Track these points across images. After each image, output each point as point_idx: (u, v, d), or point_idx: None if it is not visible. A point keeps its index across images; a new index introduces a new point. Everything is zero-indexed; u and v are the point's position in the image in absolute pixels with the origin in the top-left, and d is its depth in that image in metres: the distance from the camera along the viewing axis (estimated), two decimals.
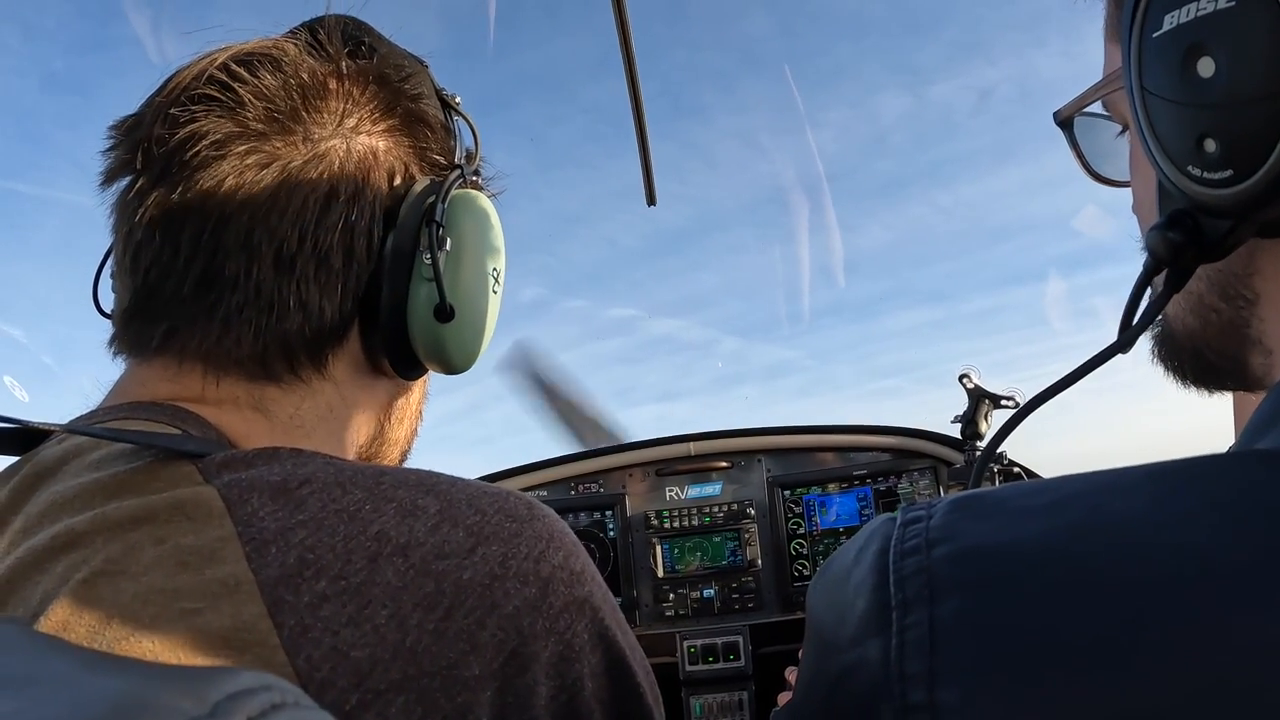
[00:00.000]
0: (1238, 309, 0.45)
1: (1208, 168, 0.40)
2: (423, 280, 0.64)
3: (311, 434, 0.62)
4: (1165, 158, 0.42)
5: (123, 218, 0.60)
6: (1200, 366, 0.51)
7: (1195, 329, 0.49)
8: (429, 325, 0.65)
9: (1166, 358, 0.53)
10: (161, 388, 0.58)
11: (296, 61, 0.61)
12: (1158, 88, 0.42)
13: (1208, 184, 0.40)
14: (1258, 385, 0.47)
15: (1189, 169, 0.41)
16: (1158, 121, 0.42)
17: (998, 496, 0.36)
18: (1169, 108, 0.41)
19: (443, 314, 0.64)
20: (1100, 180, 0.60)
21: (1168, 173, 0.42)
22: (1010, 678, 0.30)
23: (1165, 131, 0.42)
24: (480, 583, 0.47)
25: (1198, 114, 0.39)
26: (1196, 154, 0.40)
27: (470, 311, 0.67)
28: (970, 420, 2.09)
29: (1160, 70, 0.41)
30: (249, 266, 0.57)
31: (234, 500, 0.46)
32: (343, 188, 0.60)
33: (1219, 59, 0.38)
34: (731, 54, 3.80)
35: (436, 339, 0.65)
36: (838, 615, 0.38)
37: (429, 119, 0.69)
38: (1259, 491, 0.31)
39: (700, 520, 2.38)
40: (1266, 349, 0.44)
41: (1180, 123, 0.41)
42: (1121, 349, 0.48)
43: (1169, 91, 0.41)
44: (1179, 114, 0.41)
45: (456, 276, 0.66)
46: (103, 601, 0.42)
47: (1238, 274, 0.44)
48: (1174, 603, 0.29)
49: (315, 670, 0.41)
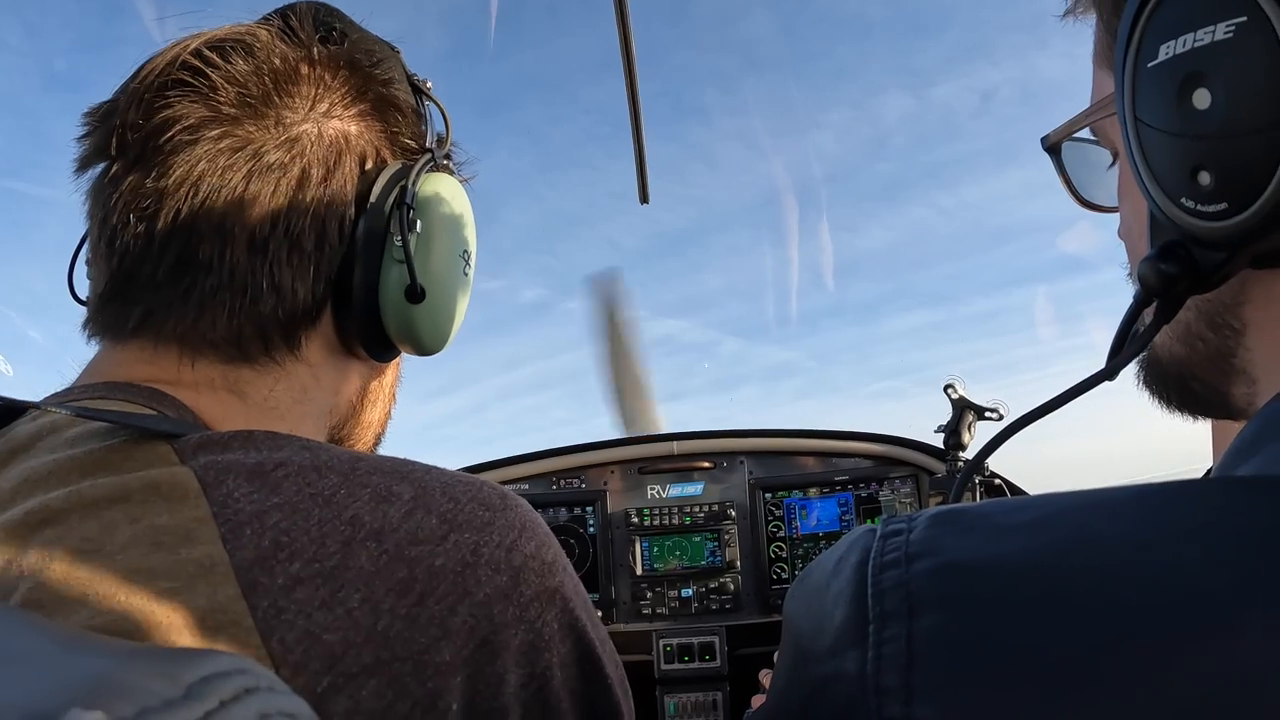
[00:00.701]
0: (1224, 338, 0.45)
1: (1202, 200, 0.39)
2: (394, 262, 0.65)
3: (285, 415, 0.63)
4: (1158, 189, 0.42)
5: (97, 203, 0.61)
6: (1185, 394, 0.51)
7: (1181, 357, 0.49)
8: (400, 306, 0.66)
9: (1151, 384, 0.53)
10: (138, 369, 0.58)
11: (269, 47, 0.62)
12: (1151, 118, 0.41)
13: (1202, 216, 0.39)
14: (1240, 415, 0.47)
15: (1182, 201, 0.40)
16: (1151, 152, 0.42)
17: (979, 512, 0.36)
18: (1163, 139, 0.41)
19: (413, 295, 0.66)
20: (1088, 206, 0.60)
21: (1160, 204, 0.42)
22: (987, 694, 0.30)
23: (1159, 162, 0.41)
24: (452, 569, 0.47)
25: (1192, 145, 0.39)
26: (1191, 186, 0.40)
27: (441, 293, 0.69)
28: (954, 430, 2.10)
29: (1155, 100, 0.41)
30: (223, 250, 0.58)
31: (210, 482, 0.46)
32: (314, 171, 0.61)
33: (1215, 90, 0.37)
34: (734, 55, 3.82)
35: (408, 320, 0.67)
36: (815, 625, 0.38)
37: (400, 104, 0.70)
38: (1241, 517, 0.31)
39: (680, 520, 2.38)
40: (1251, 378, 0.44)
41: (1174, 154, 0.40)
42: (1108, 377, 0.48)
43: (1163, 122, 0.40)
44: (1173, 145, 0.40)
45: (427, 258, 0.67)
46: (77, 579, 0.41)
47: (1227, 304, 0.44)
48: (1154, 624, 0.29)
49: (288, 652, 0.41)
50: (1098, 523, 0.33)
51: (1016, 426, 0.53)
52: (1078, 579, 0.31)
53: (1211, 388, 0.48)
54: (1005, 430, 0.54)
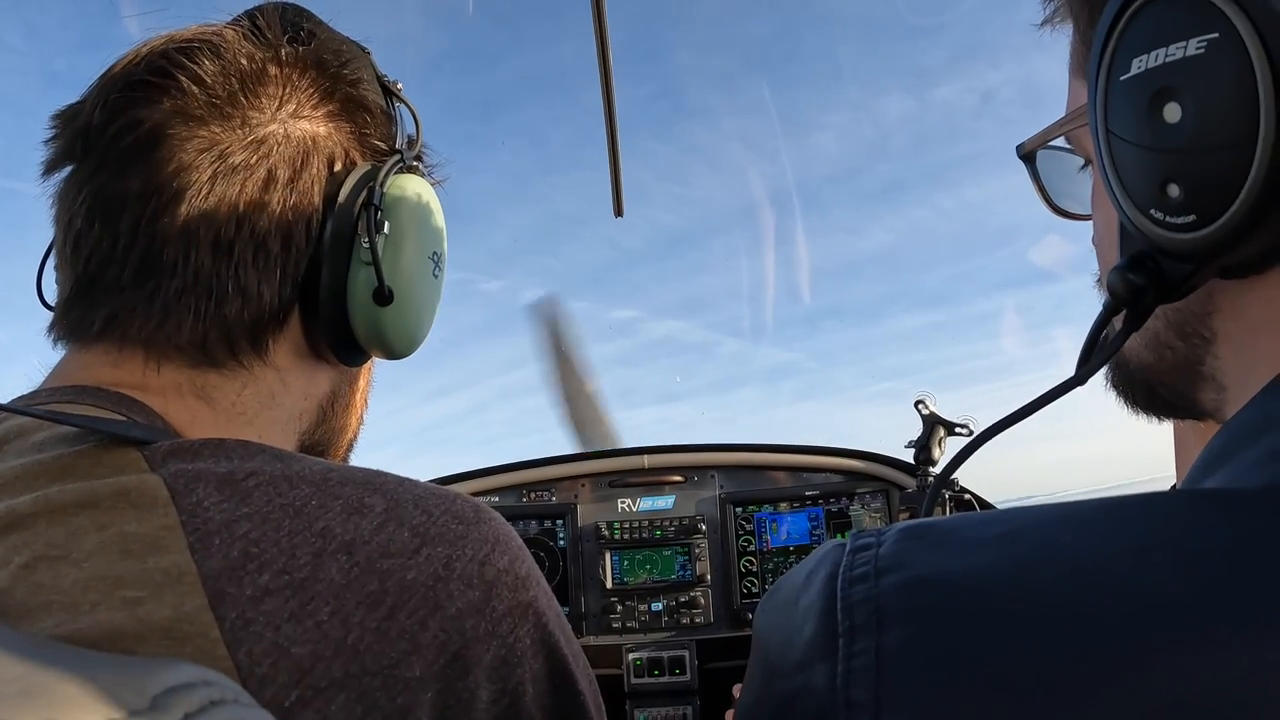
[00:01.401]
0: (1193, 347, 0.46)
1: (1170, 212, 0.40)
2: (361, 264, 0.64)
3: (254, 421, 0.62)
4: (1128, 200, 0.42)
5: (63, 207, 0.60)
6: (1151, 398, 0.52)
7: (1149, 363, 0.49)
8: (368, 309, 0.65)
9: (1119, 386, 0.54)
10: (103, 373, 0.57)
11: (235, 48, 0.61)
12: (1123, 131, 0.42)
13: (1170, 228, 0.40)
14: (1207, 416, 0.48)
15: (1151, 212, 0.41)
16: (1121, 164, 0.42)
17: (948, 526, 0.36)
18: (1133, 151, 0.41)
19: (381, 297, 0.65)
20: (1060, 214, 0.61)
21: (1130, 215, 0.43)
22: (955, 707, 0.30)
23: (1129, 174, 0.42)
24: (424, 583, 0.47)
25: (1162, 159, 0.39)
26: (1160, 198, 0.40)
27: (409, 295, 0.68)
28: (924, 446, 2.11)
29: (1126, 113, 0.41)
30: (187, 252, 0.57)
31: (179, 490, 0.45)
32: (281, 173, 0.61)
33: (1186, 105, 0.38)
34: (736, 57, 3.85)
35: (376, 323, 0.66)
36: (785, 639, 0.38)
37: (369, 104, 0.69)
38: (1206, 531, 0.32)
39: (651, 533, 2.38)
40: (1220, 385, 0.45)
41: (1144, 166, 0.41)
42: (1078, 383, 0.48)
43: (1134, 135, 0.41)
44: (1143, 158, 0.41)
45: (395, 260, 0.67)
46: (43, 586, 0.41)
47: (1195, 313, 0.45)
48: (1118, 636, 0.29)
49: (255, 665, 0.41)
50: (1064, 536, 0.34)
51: (985, 437, 0.52)
52: (1044, 592, 0.31)
53: (1179, 393, 0.49)
54: (974, 440, 0.54)
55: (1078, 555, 0.32)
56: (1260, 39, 0.34)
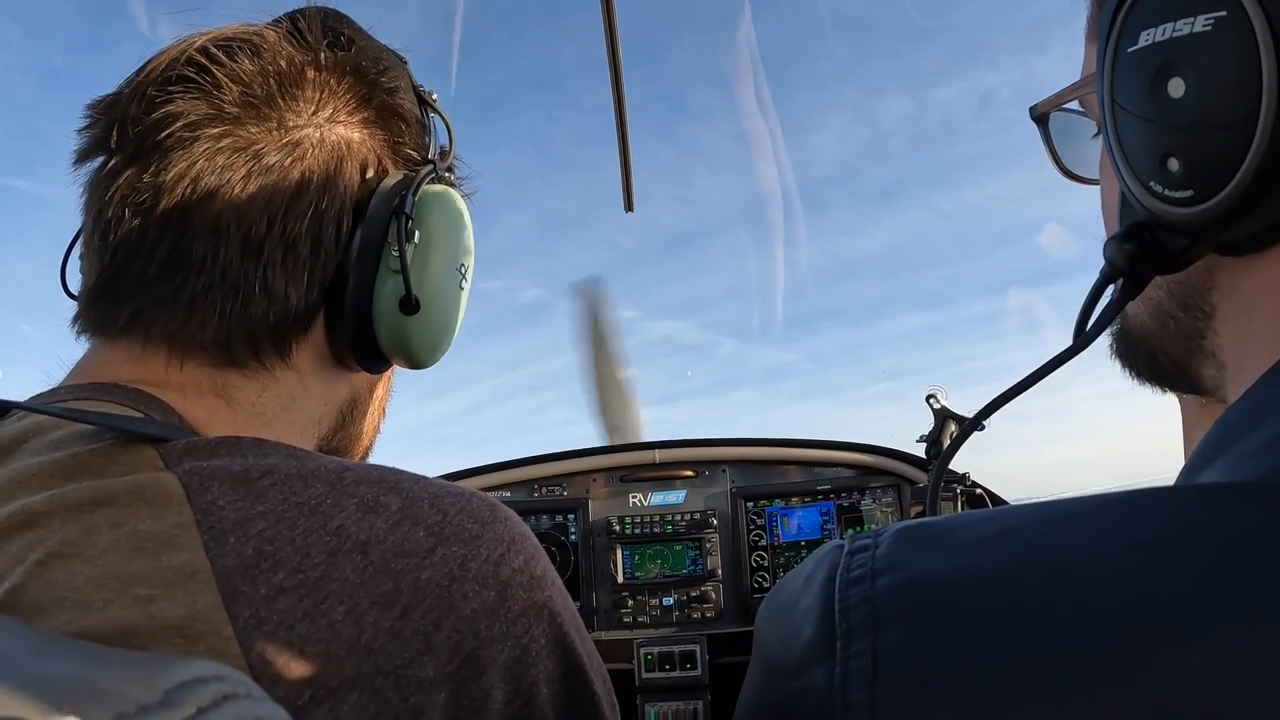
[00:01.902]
0: (1194, 320, 0.46)
1: (1170, 185, 0.40)
2: (389, 273, 0.64)
3: (273, 423, 0.62)
4: (1129, 171, 0.43)
5: (94, 196, 0.60)
6: (1153, 367, 0.52)
7: (1152, 331, 0.49)
8: (394, 318, 0.65)
9: (1123, 355, 0.54)
10: (124, 370, 0.57)
11: (275, 49, 0.61)
12: (1128, 102, 0.42)
13: (1168, 201, 0.41)
14: (1206, 394, 0.48)
15: (1151, 184, 0.42)
16: (1125, 135, 0.43)
17: (943, 526, 0.37)
18: (1137, 123, 0.42)
19: (408, 307, 0.65)
20: (1071, 177, 0.61)
21: (1131, 185, 0.43)
22: (951, 707, 0.30)
23: (1131, 145, 0.43)
24: (439, 583, 0.47)
25: (1164, 132, 0.40)
26: (1160, 171, 0.41)
27: (436, 306, 0.68)
28: (935, 440, 2.11)
29: (1131, 85, 0.42)
30: (216, 249, 0.57)
31: (194, 488, 0.45)
32: (314, 176, 0.61)
33: (1189, 81, 0.38)
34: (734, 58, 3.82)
35: (401, 332, 0.66)
36: (784, 641, 0.38)
37: (404, 113, 0.69)
38: (1197, 525, 0.32)
39: (662, 528, 2.38)
40: (1219, 363, 0.45)
41: (1146, 139, 0.41)
42: (1079, 349, 0.48)
43: (1138, 107, 0.41)
44: (1146, 130, 0.41)
45: (423, 270, 0.66)
46: (57, 584, 0.41)
47: (1196, 286, 0.45)
48: (1111, 634, 0.29)
49: (268, 664, 0.41)
50: (1057, 534, 0.34)
51: (984, 414, 0.53)
52: (1037, 591, 0.31)
53: (1179, 365, 0.49)
54: (974, 418, 0.54)
55: (1071, 553, 0.32)
56: (1267, 19, 0.35)
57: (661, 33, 4.16)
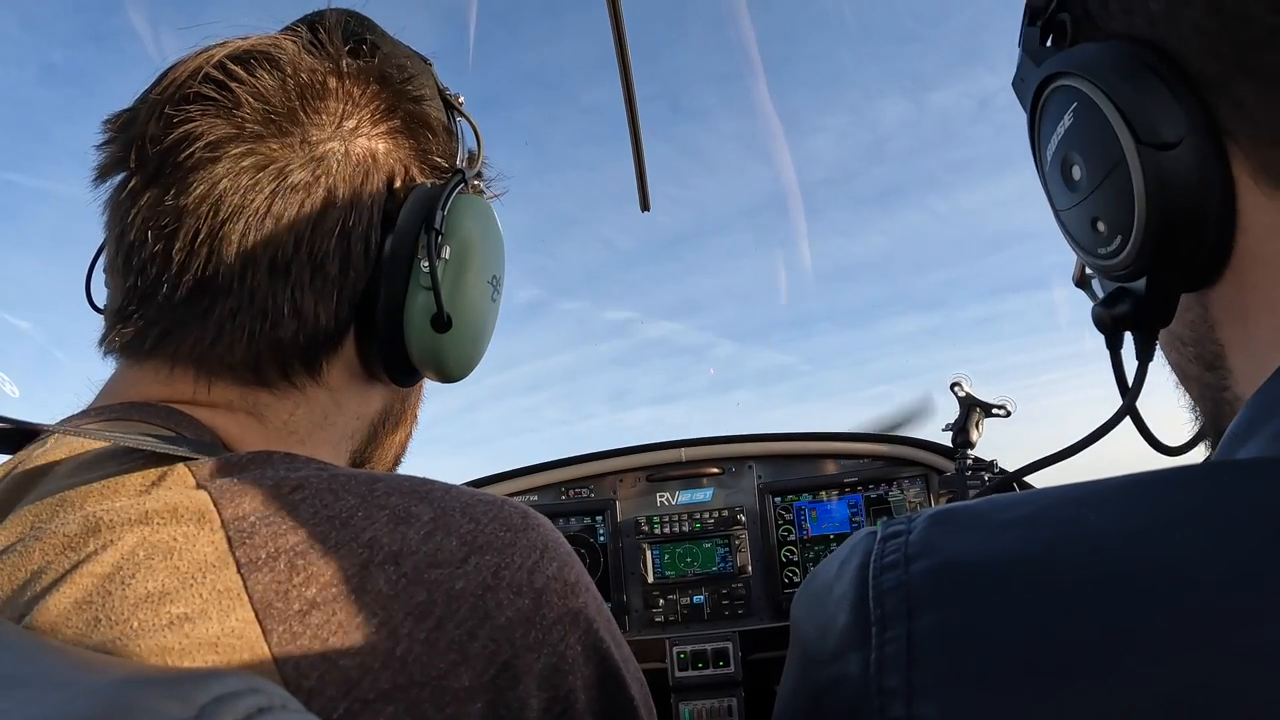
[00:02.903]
0: (1218, 376, 0.47)
1: (1104, 244, 0.47)
2: (420, 288, 0.63)
3: (306, 440, 0.61)
4: (1081, 251, 0.50)
5: (115, 217, 0.59)
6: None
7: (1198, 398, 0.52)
8: (425, 334, 0.63)
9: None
10: (154, 389, 0.57)
11: (295, 60, 0.60)
12: (1059, 203, 0.51)
13: (1110, 256, 0.47)
14: None
15: (1097, 252, 0.48)
16: (1071, 229, 0.51)
17: (975, 510, 0.37)
18: (1069, 215, 0.50)
19: (440, 323, 0.63)
20: None
21: (1087, 263, 0.50)
22: (987, 690, 0.30)
23: (1075, 232, 0.50)
24: (473, 593, 0.46)
25: (1083, 208, 0.48)
26: (1095, 237, 0.48)
27: (468, 321, 0.66)
28: (961, 428, 2.09)
29: (1056, 188, 0.51)
30: (243, 273, 0.56)
31: (226, 504, 0.45)
32: (340, 192, 0.59)
33: (1078, 160, 0.47)
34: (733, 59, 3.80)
35: (433, 348, 0.64)
36: (820, 629, 0.38)
37: (431, 121, 0.67)
38: (1232, 502, 0.32)
39: (691, 526, 2.38)
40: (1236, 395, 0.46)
41: (1077, 220, 0.49)
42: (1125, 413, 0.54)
43: (1064, 202, 0.50)
44: (1075, 214, 0.49)
45: (455, 285, 0.65)
46: (91, 604, 0.41)
47: (1201, 335, 0.47)
48: (1146, 614, 0.29)
49: (304, 678, 0.41)
50: (1089, 515, 0.34)
51: (1022, 473, 0.61)
52: (1070, 572, 0.31)
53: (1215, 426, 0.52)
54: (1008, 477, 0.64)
55: (1103, 533, 0.32)
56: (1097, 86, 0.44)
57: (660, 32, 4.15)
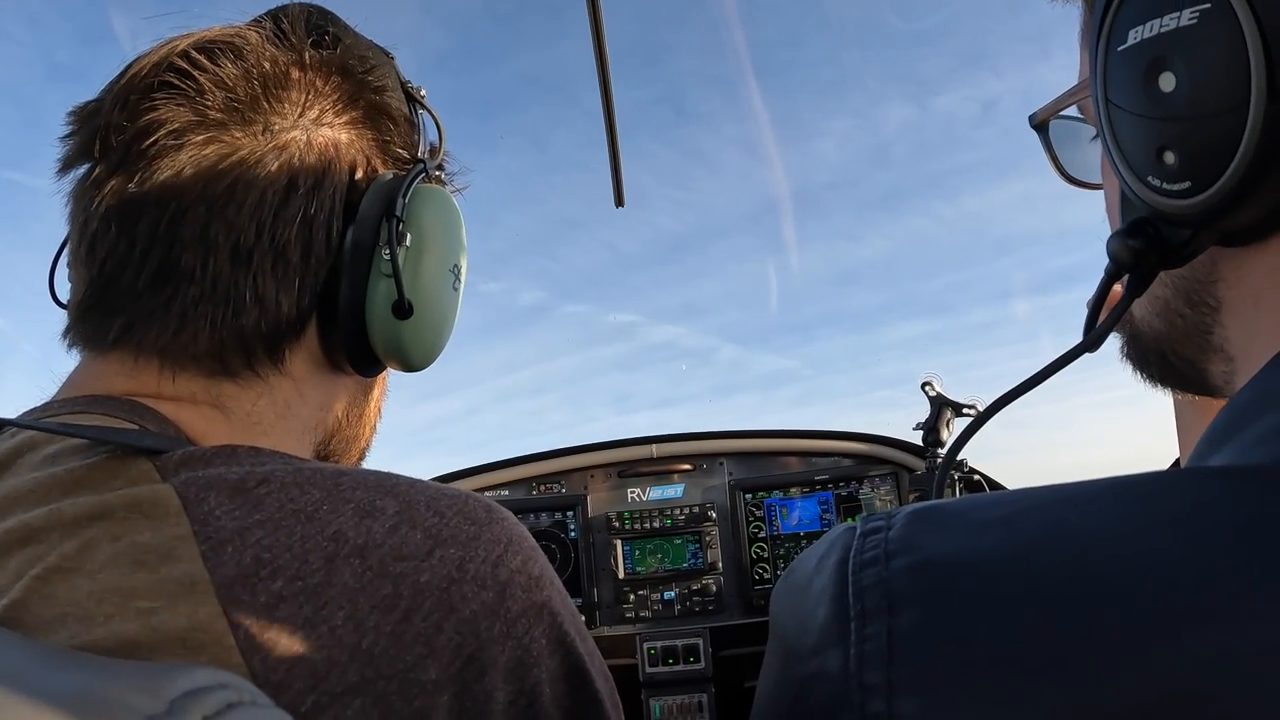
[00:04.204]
0: (1201, 315, 0.46)
1: (1167, 179, 0.41)
2: (382, 276, 0.63)
3: (270, 431, 0.61)
4: (1127, 167, 0.43)
5: (79, 206, 0.59)
6: (1165, 368, 0.52)
7: (1161, 332, 0.50)
8: (387, 321, 0.64)
9: (1135, 358, 0.54)
10: (117, 382, 0.57)
11: (259, 50, 0.60)
12: (1121, 100, 0.42)
13: (1167, 194, 0.41)
14: (1218, 393, 0.48)
15: (1149, 179, 0.42)
16: (1120, 132, 0.43)
17: (956, 508, 0.37)
18: (1131, 120, 0.42)
19: (401, 310, 0.64)
20: (1073, 182, 0.61)
21: (1129, 182, 0.44)
22: (966, 688, 0.30)
23: (1127, 142, 0.43)
24: (438, 586, 0.47)
25: (1158, 127, 0.40)
26: (1157, 165, 0.41)
27: (429, 308, 0.67)
28: (932, 428, 2.11)
29: (1124, 83, 0.42)
30: (205, 259, 0.56)
31: (191, 499, 0.45)
32: (302, 180, 0.59)
33: (1179, 74, 0.39)
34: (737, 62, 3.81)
35: (395, 336, 0.65)
36: (799, 624, 0.38)
37: (392, 112, 0.68)
38: (1210, 508, 0.32)
39: (661, 522, 2.38)
40: (1228, 356, 0.45)
41: (1141, 135, 0.42)
42: (1089, 349, 0.49)
43: (1131, 104, 0.42)
44: (1141, 126, 0.41)
45: (416, 273, 0.65)
46: (58, 599, 0.41)
47: (1201, 281, 0.45)
48: (1123, 615, 0.29)
49: (271, 672, 0.41)
50: (1069, 516, 0.34)
51: (993, 410, 0.53)
52: (1050, 572, 0.32)
53: (1190, 363, 0.49)
54: (979, 417, 0.54)
55: (1083, 534, 0.33)
56: (1250, 8, 0.35)
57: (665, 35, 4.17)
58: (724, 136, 7.42)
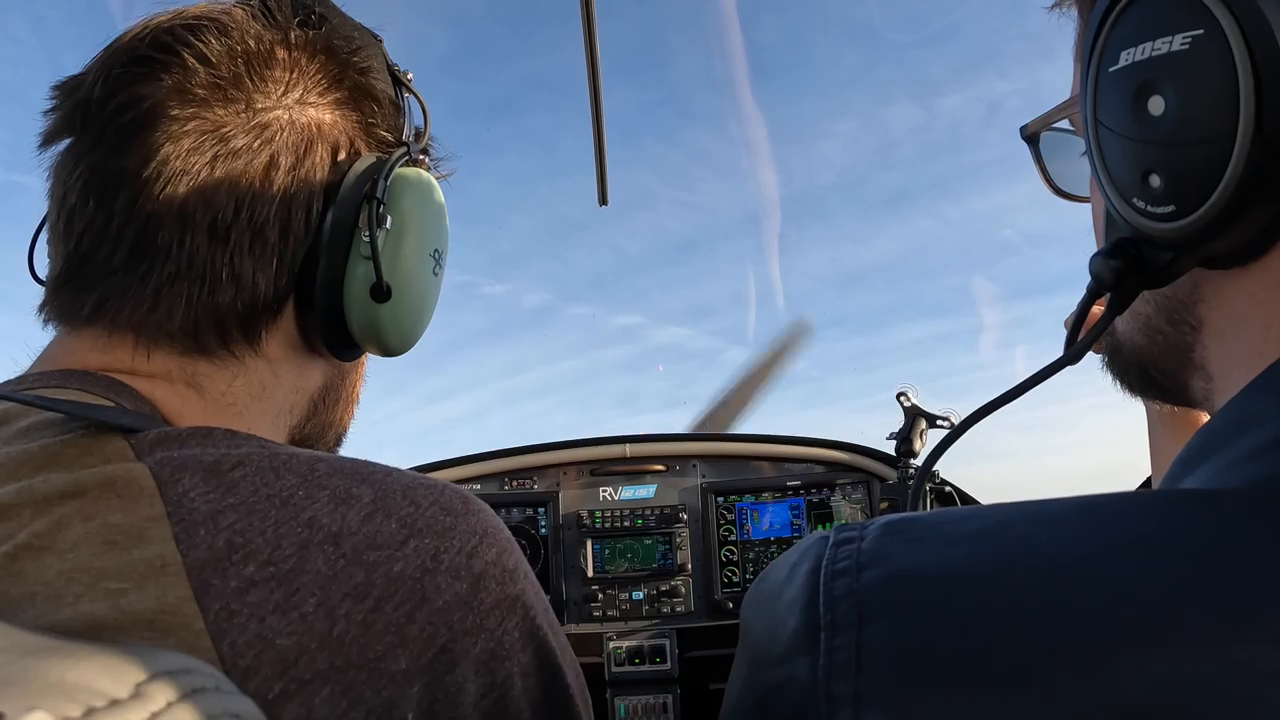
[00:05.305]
0: (1182, 334, 0.47)
1: (1151, 201, 0.41)
2: (360, 258, 0.63)
3: (244, 412, 0.61)
4: (1113, 188, 0.44)
5: (58, 181, 0.59)
6: (1145, 381, 0.53)
7: (1142, 347, 0.50)
8: (365, 304, 0.64)
9: (1115, 370, 0.55)
10: (92, 357, 0.56)
11: (243, 28, 0.60)
12: (1110, 121, 0.43)
13: (1150, 217, 0.41)
14: (1198, 405, 0.49)
15: (1134, 201, 0.42)
16: (1108, 153, 0.44)
17: (929, 521, 0.37)
18: (1119, 141, 0.42)
19: (379, 293, 0.63)
20: (1061, 195, 0.62)
21: (1114, 202, 0.44)
22: (933, 701, 0.31)
23: (1114, 163, 0.43)
24: (411, 575, 0.46)
25: (1145, 149, 0.41)
26: (1142, 187, 0.41)
27: (408, 292, 0.66)
28: (905, 438, 2.13)
29: (1113, 104, 0.42)
30: (182, 236, 0.56)
31: (165, 479, 0.45)
32: (283, 159, 0.59)
33: (1169, 98, 0.39)
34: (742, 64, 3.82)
35: (372, 319, 0.65)
36: (769, 631, 0.38)
37: (377, 94, 0.68)
38: (1179, 530, 0.32)
39: (632, 522, 2.38)
40: (1208, 374, 0.46)
41: (1128, 156, 0.42)
42: (1069, 362, 0.49)
43: (1119, 126, 0.42)
44: (1128, 148, 0.42)
45: (395, 256, 0.65)
46: (26, 577, 0.40)
47: (1183, 301, 0.46)
48: (1090, 634, 0.29)
49: (239, 657, 0.40)
50: (1040, 534, 0.34)
51: (969, 423, 0.54)
52: (1019, 589, 0.32)
53: (1170, 377, 0.50)
54: (955, 430, 0.55)
55: (1053, 553, 0.33)
56: (1243, 37, 0.35)
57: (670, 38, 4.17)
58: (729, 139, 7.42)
